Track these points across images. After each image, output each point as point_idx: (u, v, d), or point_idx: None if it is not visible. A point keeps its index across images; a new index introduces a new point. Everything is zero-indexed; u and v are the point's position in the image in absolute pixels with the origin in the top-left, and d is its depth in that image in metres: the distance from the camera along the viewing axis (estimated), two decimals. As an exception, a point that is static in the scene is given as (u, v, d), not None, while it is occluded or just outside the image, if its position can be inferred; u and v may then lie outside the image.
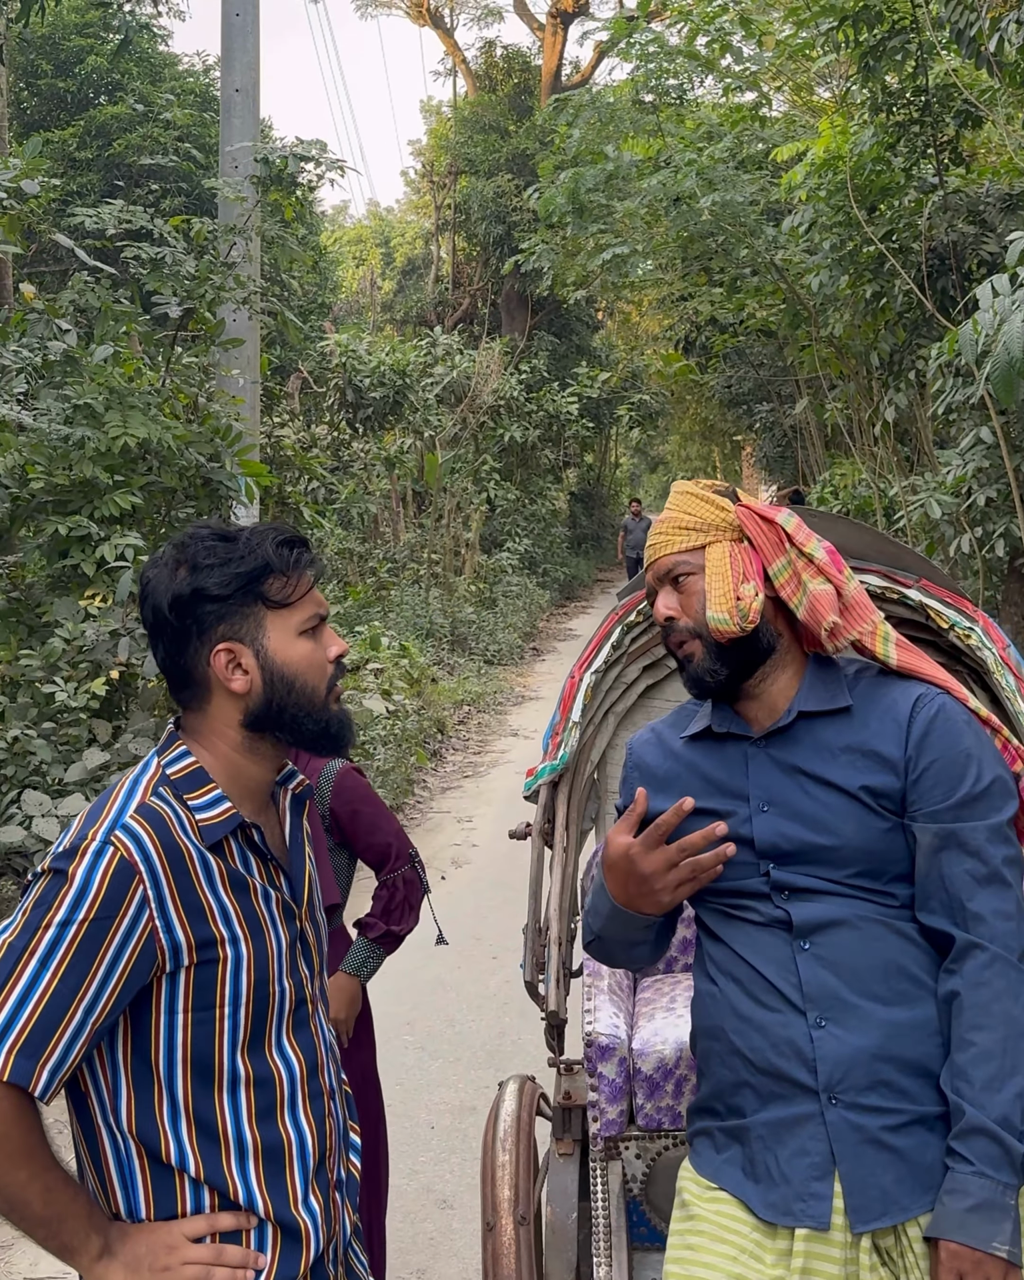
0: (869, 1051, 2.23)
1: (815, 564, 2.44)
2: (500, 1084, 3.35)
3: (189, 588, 2.08)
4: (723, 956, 2.41)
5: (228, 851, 2.09)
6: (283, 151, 9.12)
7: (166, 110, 19.84)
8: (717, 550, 2.44)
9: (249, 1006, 2.06)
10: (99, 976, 1.92)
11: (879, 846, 2.33)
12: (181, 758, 2.11)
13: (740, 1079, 2.33)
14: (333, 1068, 2.26)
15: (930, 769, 2.33)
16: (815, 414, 17.42)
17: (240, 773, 2.15)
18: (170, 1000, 2.00)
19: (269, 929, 2.11)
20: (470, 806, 11.07)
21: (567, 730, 3.48)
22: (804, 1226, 2.19)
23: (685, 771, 2.53)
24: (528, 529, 27.14)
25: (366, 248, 47.01)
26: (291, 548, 2.15)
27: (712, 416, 30.71)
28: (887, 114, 11.83)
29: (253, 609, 2.10)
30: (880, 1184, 2.19)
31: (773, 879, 2.36)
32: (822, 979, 2.28)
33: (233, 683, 2.10)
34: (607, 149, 14.88)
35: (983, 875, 2.27)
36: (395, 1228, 4.73)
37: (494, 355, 24.06)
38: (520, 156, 31.13)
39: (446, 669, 16.77)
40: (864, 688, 2.46)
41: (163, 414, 8.34)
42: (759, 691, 2.46)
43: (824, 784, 2.36)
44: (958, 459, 10.44)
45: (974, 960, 2.23)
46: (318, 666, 2.15)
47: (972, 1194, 2.11)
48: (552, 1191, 3.10)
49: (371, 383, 18.64)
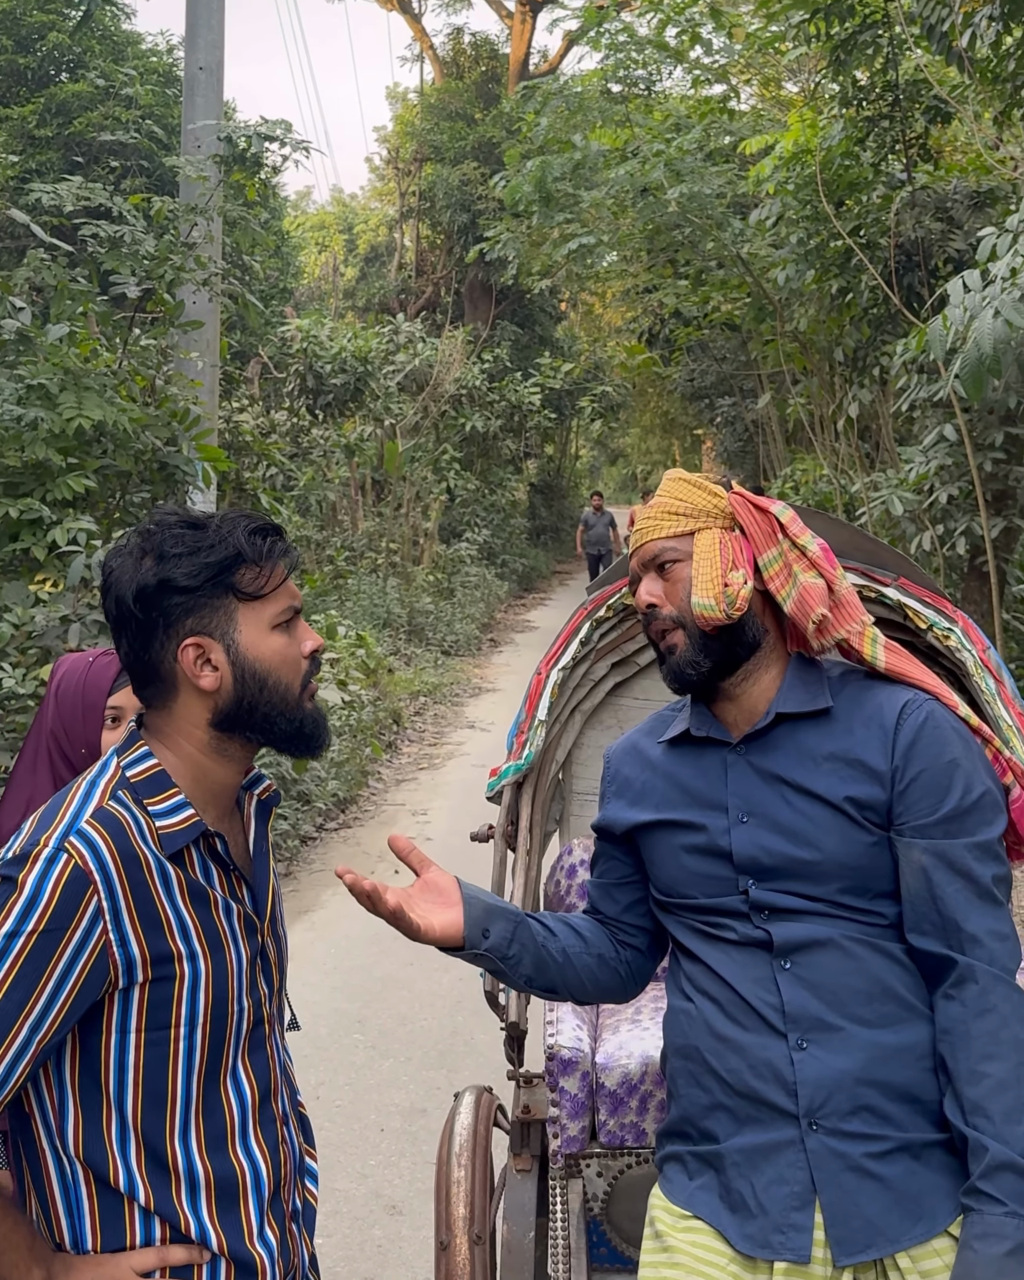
0: (852, 1075, 2.13)
1: (808, 557, 2.34)
2: (456, 1095, 3.25)
3: (155, 578, 1.95)
4: (699, 974, 2.31)
5: (188, 861, 1.98)
6: (247, 131, 8.99)
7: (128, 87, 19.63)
8: (706, 537, 2.34)
9: (206, 1027, 1.95)
10: (47, 992, 1.81)
11: (863, 862, 2.22)
12: (143, 759, 1.99)
13: (715, 1101, 2.22)
14: (287, 1091, 2.16)
15: (918, 780, 2.22)
16: (778, 409, 17.41)
17: (206, 775, 2.03)
18: (122, 1019, 1.88)
19: (229, 944, 2.00)
20: (426, 799, 10.97)
21: (533, 729, 3.38)
22: (783, 1259, 2.08)
23: (662, 782, 2.43)
24: (487, 519, 27.07)
25: (329, 234, 46.78)
26: (265, 536, 2.02)
27: (673, 410, 30.71)
28: (856, 108, 11.81)
29: (223, 601, 1.98)
30: (864, 1214, 2.09)
31: (752, 898, 2.26)
32: (803, 1000, 2.18)
33: (201, 679, 1.97)
34: (574, 138, 14.81)
35: (975, 895, 2.17)
36: (343, 1233, 4.64)
37: (456, 344, 23.96)
38: (487, 145, 31.05)
39: (403, 659, 16.67)
40: (849, 691, 2.35)
41: (119, 396, 8.20)
42: (739, 692, 2.35)
43: (806, 794, 2.25)
44: (920, 456, 10.42)
45: (975, 985, 2.13)
46: (292, 662, 2.03)
47: (1009, 1237, 1.98)
48: (508, 1209, 3.00)
49: (332, 369, 18.52)
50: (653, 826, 2.40)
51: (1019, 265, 5.94)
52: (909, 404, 10.02)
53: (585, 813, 3.75)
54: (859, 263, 11.58)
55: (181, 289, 9.00)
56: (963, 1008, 2.12)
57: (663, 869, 2.39)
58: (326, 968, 7.08)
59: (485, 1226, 2.95)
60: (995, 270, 6.09)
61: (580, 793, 3.78)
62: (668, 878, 2.37)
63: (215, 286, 9.40)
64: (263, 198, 10.30)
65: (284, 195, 33.00)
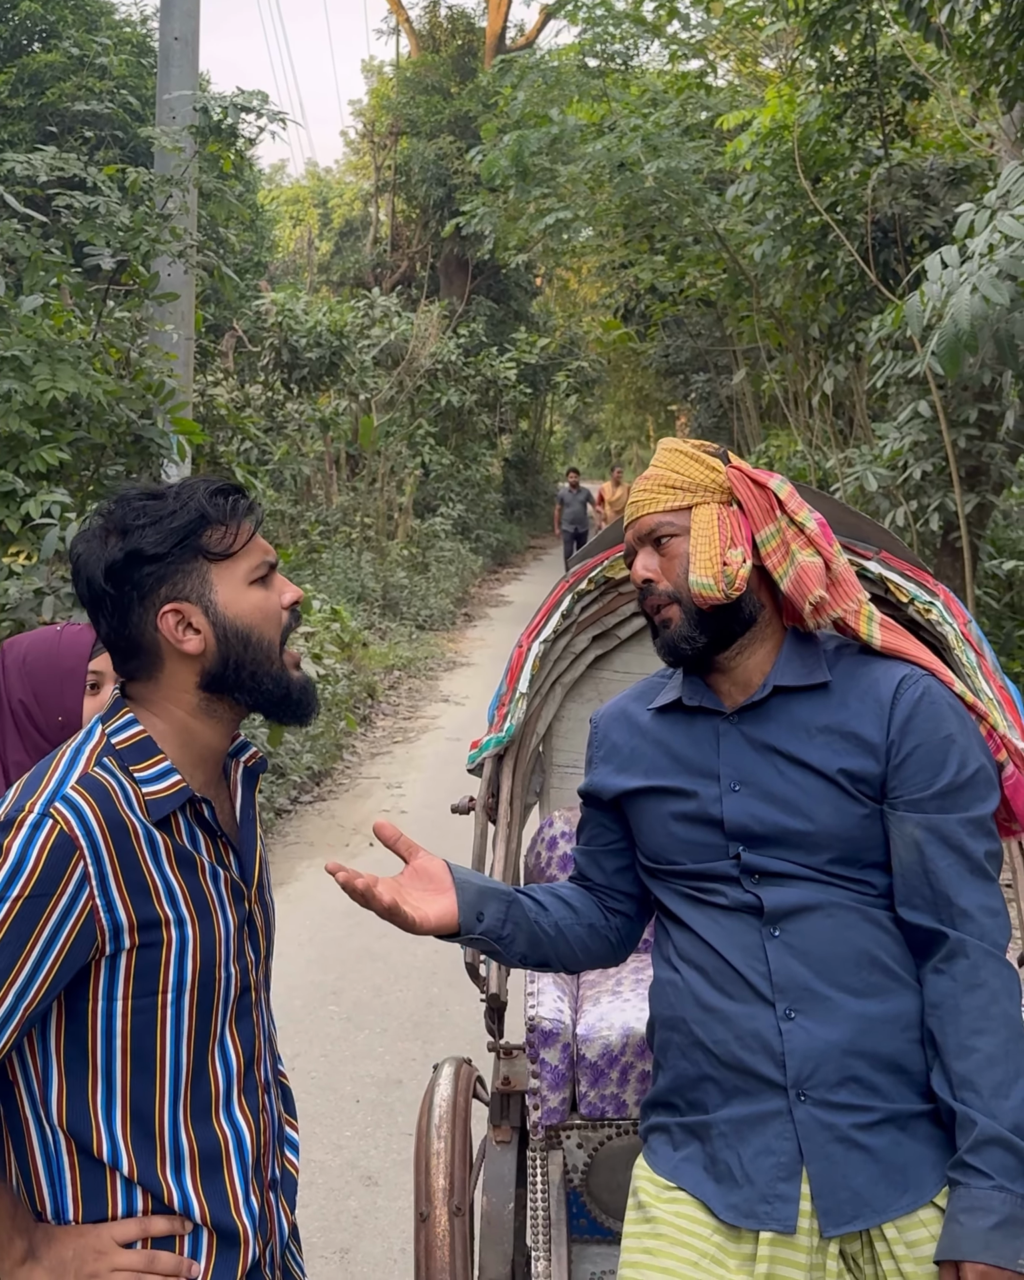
0: (840, 1046, 2.14)
1: (806, 534, 2.32)
2: (435, 1066, 3.25)
3: (122, 552, 1.94)
4: (686, 943, 2.30)
5: (175, 827, 1.97)
6: (223, 101, 8.93)
7: (102, 57, 19.46)
8: (704, 512, 2.31)
9: (193, 994, 1.95)
10: (33, 957, 1.80)
11: (855, 833, 2.23)
12: (128, 726, 1.98)
13: (702, 1073, 2.23)
14: (270, 1059, 2.16)
15: (913, 754, 2.22)
16: (753, 385, 17.40)
17: (193, 740, 2.02)
18: (109, 987, 1.88)
19: (217, 910, 2.00)
20: (400, 772, 10.98)
21: (513, 701, 3.37)
22: (768, 1229, 2.09)
23: (651, 748, 2.42)
24: (462, 494, 27.04)
25: (304, 208, 46.52)
26: (226, 496, 2.02)
27: (647, 386, 30.60)
28: (834, 84, 11.79)
29: (195, 564, 1.97)
30: (852, 1185, 2.10)
31: (743, 862, 2.25)
32: (791, 968, 2.18)
33: (185, 644, 1.96)
34: (551, 113, 14.73)
35: (968, 870, 2.18)
36: (319, 1204, 4.65)
37: (432, 318, 23.88)
38: (463, 119, 30.91)
39: (378, 633, 16.66)
40: (845, 665, 2.35)
41: (93, 368, 8.15)
42: (734, 665, 2.34)
43: (800, 765, 2.25)
44: (895, 432, 10.44)
45: (966, 959, 2.14)
46: (272, 616, 2.03)
47: (995, 1210, 2.00)
48: (488, 1181, 3.01)
49: (307, 343, 18.43)
50: (642, 793, 2.39)
51: (996, 241, 5.93)
52: (884, 380, 10.03)
53: (566, 785, 3.75)
54: (835, 239, 11.57)
55: (156, 261, 8.95)
56: (953, 982, 2.13)
57: (651, 836, 2.38)
58: (301, 940, 7.09)
59: (465, 1198, 2.96)
60: (973, 246, 6.08)
61: (561, 765, 3.78)
62: (656, 844, 2.37)
63: (191, 259, 9.34)
64: (238, 170, 10.21)
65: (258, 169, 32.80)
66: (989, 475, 10.64)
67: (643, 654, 3.71)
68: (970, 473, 10.46)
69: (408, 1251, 4.31)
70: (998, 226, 5.96)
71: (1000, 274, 5.84)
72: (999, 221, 5.96)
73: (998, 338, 6.02)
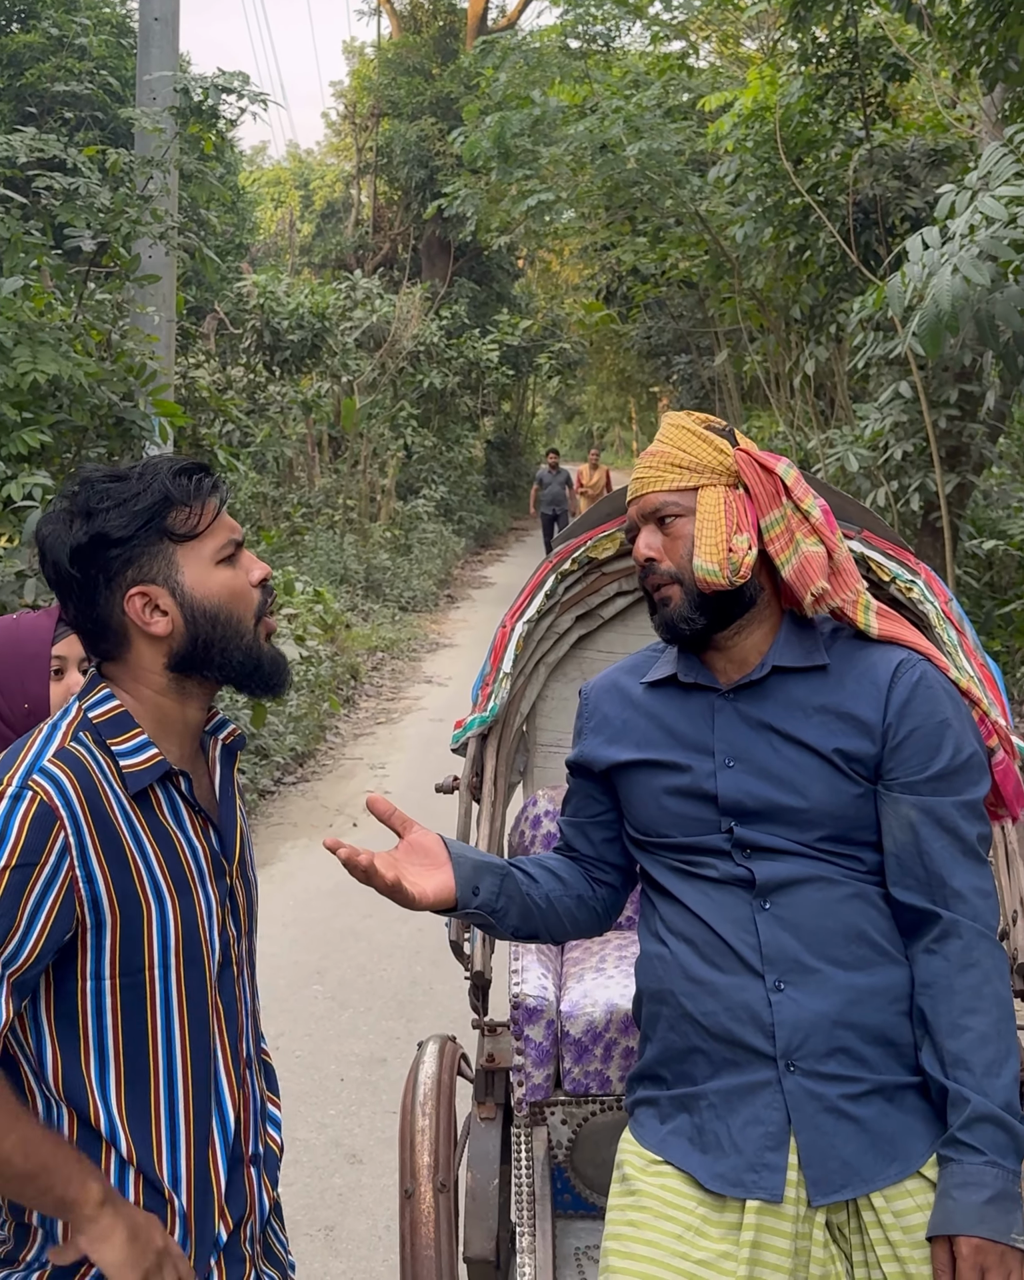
0: (830, 1017, 2.16)
1: (810, 522, 2.32)
2: (420, 1044, 3.27)
3: (86, 536, 1.94)
4: (674, 916, 2.31)
5: (154, 801, 1.98)
6: (204, 82, 8.89)
7: (82, 38, 19.35)
8: (710, 495, 2.31)
9: (180, 970, 1.96)
10: (21, 927, 1.80)
11: (848, 812, 2.25)
12: (105, 700, 1.99)
13: (691, 1045, 2.24)
14: (253, 1036, 2.17)
15: (910, 737, 2.25)
16: (734, 366, 17.39)
17: (167, 717, 2.03)
18: (96, 966, 1.89)
19: (197, 885, 2.01)
20: (383, 753, 10.99)
21: (497, 681, 3.38)
22: (755, 1198, 2.10)
23: (644, 721, 2.42)
24: (444, 476, 26.98)
25: (285, 190, 46.35)
26: (190, 475, 2.02)
27: (629, 367, 30.56)
28: (815, 66, 11.78)
29: (160, 546, 1.97)
30: (841, 1155, 2.12)
31: (736, 836, 2.27)
32: (781, 941, 2.20)
33: (152, 626, 1.97)
34: (533, 94, 14.69)
35: (961, 852, 2.21)
36: (303, 1182, 4.67)
37: (414, 300, 23.83)
38: (444, 100, 30.79)
39: (361, 615, 16.66)
40: (841, 648, 2.36)
41: (74, 350, 8.13)
42: (731, 644, 2.35)
43: (795, 743, 2.27)
44: (876, 413, 10.48)
45: (959, 940, 2.17)
46: (242, 595, 2.03)
47: (988, 1185, 2.03)
48: (473, 1157, 3.03)
49: (290, 325, 18.38)
50: (633, 765, 2.40)
51: (978, 222, 5.95)
52: (865, 361, 10.06)
53: (549, 764, 3.77)
54: (817, 220, 11.59)
55: (137, 243, 8.91)
56: (946, 962, 2.16)
57: (641, 809, 2.39)
58: (285, 920, 7.11)
59: (450, 1175, 2.98)
60: (954, 227, 6.10)
61: (544, 744, 3.80)
62: (647, 817, 2.38)
63: (172, 240, 9.30)
64: (219, 151, 10.17)
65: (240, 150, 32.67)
66: (969, 455, 10.69)
67: (625, 633, 3.73)
68: (951, 453, 10.50)
69: (392, 1228, 4.33)
70: (979, 207, 5.98)
71: (981, 254, 5.86)
72: (980, 202, 5.99)
73: (979, 318, 6.04)
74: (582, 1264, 2.96)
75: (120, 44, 21.45)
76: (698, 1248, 2.11)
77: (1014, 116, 9.38)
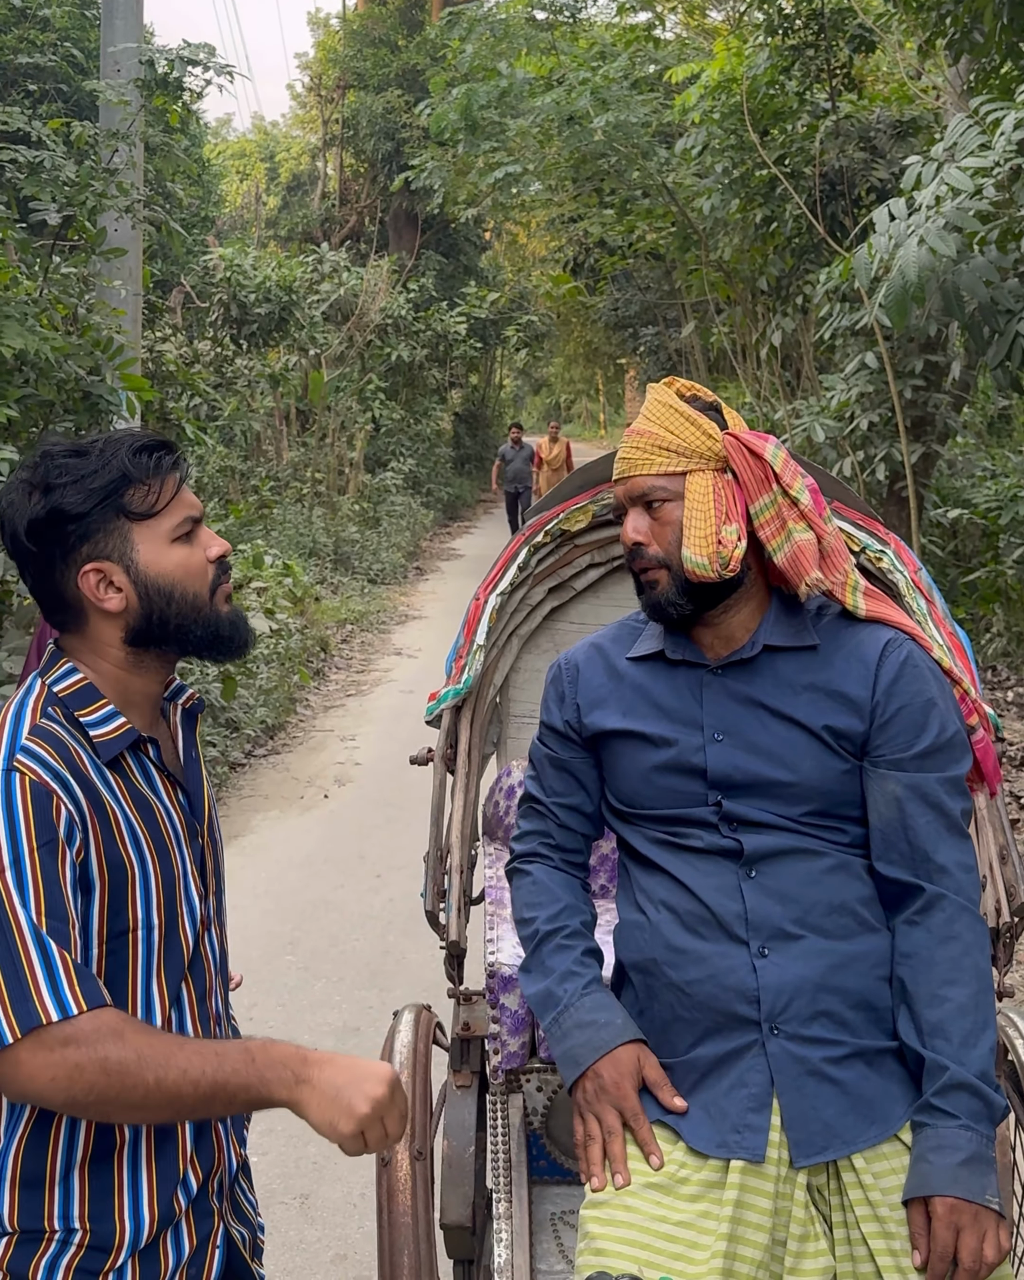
0: (813, 981, 2.19)
1: (800, 508, 2.33)
2: (395, 1013, 3.29)
3: (43, 510, 1.96)
4: (656, 885, 2.34)
5: (127, 768, 2.01)
6: (169, 54, 8.83)
7: (45, 9, 19.19)
8: (699, 481, 2.31)
9: (161, 930, 1.99)
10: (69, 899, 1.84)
11: (835, 787, 2.28)
12: (68, 674, 2.01)
13: (674, 1015, 2.27)
14: (222, 993, 2.20)
15: (898, 715, 2.29)
16: (701, 338, 17.41)
17: (128, 688, 2.05)
18: (84, 932, 1.90)
19: (174, 847, 2.04)
20: (354, 725, 11.01)
21: (471, 653, 3.39)
22: (738, 1158, 2.13)
23: (631, 692, 2.44)
24: (412, 449, 26.91)
25: (251, 162, 46.09)
26: (150, 453, 2.02)
27: (596, 339, 30.56)
28: (781, 37, 11.78)
29: (116, 524, 1.98)
30: (823, 1117, 2.15)
31: (724, 810, 2.30)
32: (767, 908, 2.23)
33: (106, 603, 1.99)
34: (499, 66, 14.66)
35: (945, 828, 2.25)
36: (278, 1151, 4.70)
37: (382, 273, 23.77)
38: (411, 72, 30.64)
39: (330, 588, 16.66)
40: (829, 626, 2.39)
41: (40, 325, 8.08)
42: (719, 622, 2.37)
43: (784, 719, 2.30)
44: (842, 384, 10.52)
45: (941, 912, 2.21)
46: (197, 572, 2.05)
47: (962, 1148, 2.07)
48: (449, 1125, 3.05)
49: (257, 298, 18.31)
50: (619, 735, 2.42)
51: (943, 193, 5.99)
52: (831, 332, 10.09)
53: (523, 735, 3.79)
54: (784, 192, 11.60)
55: (103, 216, 8.85)
56: (928, 934, 2.20)
57: (626, 780, 2.42)
58: (257, 891, 7.14)
59: (426, 1142, 3.00)
60: (920, 199, 6.14)
61: (518, 715, 3.82)
62: (631, 789, 2.41)
63: (138, 213, 9.25)
64: (184, 124, 10.11)
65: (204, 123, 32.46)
66: (934, 425, 10.75)
67: (598, 605, 3.74)
68: (916, 423, 10.55)
69: (367, 1196, 4.37)
70: (944, 179, 6.01)
71: (947, 226, 5.90)
72: (946, 174, 6.02)
73: (944, 289, 6.08)
74: (558, 1229, 2.99)
75: (84, 16, 21.28)
76: (677, 1210, 2.13)
77: (979, 88, 9.40)
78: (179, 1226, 2.02)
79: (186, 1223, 2.03)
